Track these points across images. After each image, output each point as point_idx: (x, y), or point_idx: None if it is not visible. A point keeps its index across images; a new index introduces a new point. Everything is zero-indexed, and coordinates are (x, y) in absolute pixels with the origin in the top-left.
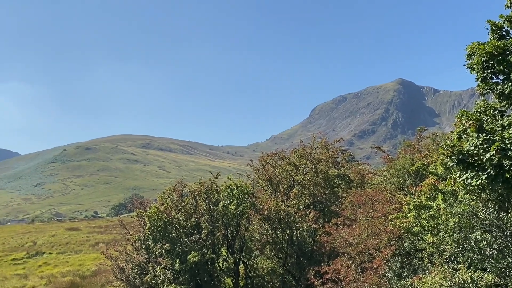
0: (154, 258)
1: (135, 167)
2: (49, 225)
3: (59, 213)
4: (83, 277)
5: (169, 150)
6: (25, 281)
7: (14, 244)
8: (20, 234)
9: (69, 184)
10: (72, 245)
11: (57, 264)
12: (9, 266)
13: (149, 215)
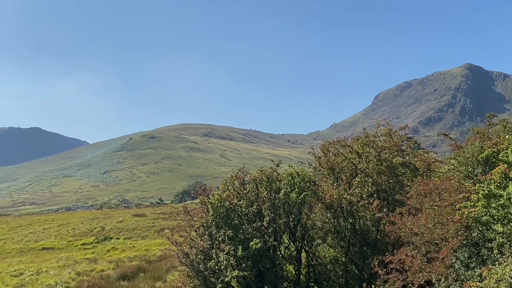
0: (217, 244)
1: (197, 155)
2: (117, 211)
3: (125, 199)
4: (149, 262)
5: (230, 139)
6: (94, 265)
7: (84, 230)
8: (89, 220)
9: (135, 172)
10: (139, 231)
11: (125, 249)
12: (79, 251)
13: (212, 202)
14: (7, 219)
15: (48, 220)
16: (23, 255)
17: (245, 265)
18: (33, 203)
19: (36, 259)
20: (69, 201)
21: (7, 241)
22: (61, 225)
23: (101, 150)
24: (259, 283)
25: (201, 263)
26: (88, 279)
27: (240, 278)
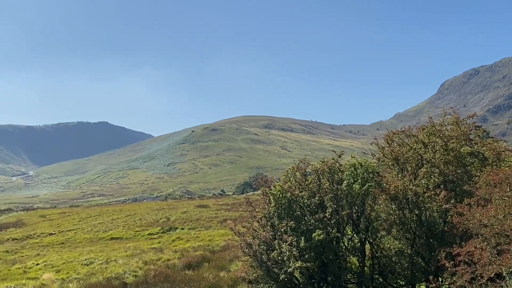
0: (280, 235)
1: (258, 147)
2: (181, 202)
3: (189, 191)
4: (213, 252)
5: (290, 130)
6: (160, 255)
7: (150, 220)
8: (155, 211)
9: (198, 164)
10: (202, 221)
11: (189, 239)
12: (146, 240)
13: (273, 193)
14: (77, 210)
15: (116, 211)
16: (93, 245)
17: (308, 256)
18: (102, 194)
19: (105, 248)
20: (135, 192)
21: (78, 231)
22: (128, 216)
23: (165, 143)
24: (323, 274)
25: (264, 253)
26: (154, 268)
27: (303, 269)
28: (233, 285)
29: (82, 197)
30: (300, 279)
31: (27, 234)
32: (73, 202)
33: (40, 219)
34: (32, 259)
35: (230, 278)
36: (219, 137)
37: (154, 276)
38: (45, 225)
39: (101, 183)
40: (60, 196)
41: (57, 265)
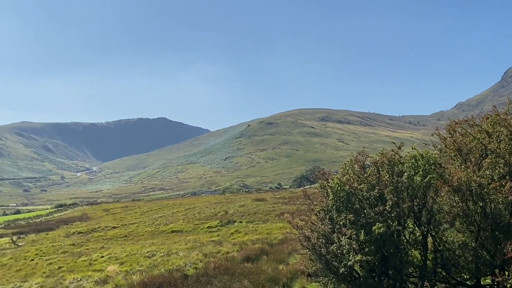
0: (339, 228)
1: (314, 140)
2: (238, 196)
3: (246, 184)
4: (271, 245)
5: (347, 122)
6: (219, 247)
7: (209, 213)
8: (213, 204)
9: (254, 158)
10: (260, 215)
11: (247, 232)
12: (205, 233)
13: (331, 186)
14: (139, 204)
15: (176, 204)
16: (154, 238)
17: (368, 249)
18: (162, 188)
19: (166, 241)
20: (194, 186)
21: (140, 224)
22: (187, 209)
23: (222, 137)
24: (383, 267)
25: (322, 246)
26: (214, 260)
27: (363, 262)
28: (292, 278)
29: (143, 191)
30: (360, 272)
31: (92, 227)
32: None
33: (104, 213)
34: (97, 251)
35: (288, 271)
36: (275, 131)
37: (214, 269)
38: (108, 218)
39: (161, 177)
40: (122, 191)
41: (121, 258)
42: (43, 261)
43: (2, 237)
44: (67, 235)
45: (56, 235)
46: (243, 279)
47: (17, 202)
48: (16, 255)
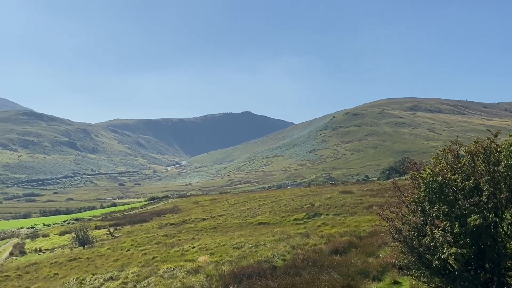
0: (431, 221)
1: (403, 131)
2: (324, 188)
3: (332, 177)
4: (359, 238)
5: (438, 111)
6: (307, 240)
7: (295, 206)
8: (299, 197)
9: (340, 150)
10: (347, 207)
11: (334, 224)
12: (292, 226)
13: (423, 176)
14: (226, 197)
15: (262, 197)
16: (242, 229)
17: (463, 242)
18: (248, 181)
19: (254, 233)
20: (279, 179)
21: (228, 216)
22: (274, 202)
23: (306, 129)
24: (479, 261)
25: (414, 239)
26: (302, 252)
27: (458, 255)
28: (382, 271)
29: (230, 184)
30: (455, 265)
31: (183, 219)
32: (222, 189)
33: (194, 205)
34: (188, 242)
35: (378, 264)
36: (361, 122)
37: (302, 260)
38: (198, 211)
39: (246, 170)
40: (210, 184)
41: (211, 248)
42: (138, 251)
43: (100, 228)
44: (160, 226)
45: (150, 227)
46: (331, 271)
47: (113, 195)
48: (113, 246)
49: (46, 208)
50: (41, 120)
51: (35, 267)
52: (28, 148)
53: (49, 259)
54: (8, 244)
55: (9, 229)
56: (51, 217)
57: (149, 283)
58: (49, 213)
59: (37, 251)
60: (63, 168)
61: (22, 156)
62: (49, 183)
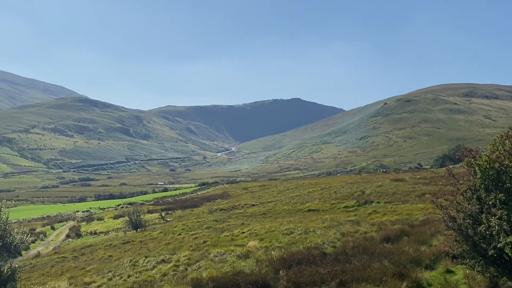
0: (488, 209)
1: (457, 117)
2: (375, 176)
3: (383, 164)
4: (411, 226)
5: (495, 97)
6: (357, 227)
7: (345, 193)
8: (349, 184)
9: (391, 137)
10: (398, 195)
11: (386, 212)
12: (341, 213)
13: (479, 164)
14: (275, 183)
15: (312, 184)
16: (291, 216)
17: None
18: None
19: (303, 219)
20: (329, 166)
21: (277, 203)
22: (323, 189)
23: (357, 116)
24: None
25: (469, 227)
26: (352, 239)
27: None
28: (435, 259)
29: (279, 171)
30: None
31: (232, 205)
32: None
33: (243, 191)
34: (238, 227)
35: (431, 252)
36: (414, 108)
37: (352, 248)
38: (247, 196)
39: (296, 157)
40: (259, 170)
41: (260, 234)
42: (189, 235)
43: (152, 212)
44: (210, 211)
45: (200, 212)
46: (383, 259)
47: (164, 181)
48: (165, 230)
49: (100, 192)
50: (96, 107)
51: (90, 249)
52: (83, 134)
53: (104, 241)
54: (65, 226)
55: (66, 212)
56: (105, 201)
57: (200, 267)
58: (104, 197)
59: (92, 233)
60: (116, 153)
61: (78, 142)
62: (103, 168)
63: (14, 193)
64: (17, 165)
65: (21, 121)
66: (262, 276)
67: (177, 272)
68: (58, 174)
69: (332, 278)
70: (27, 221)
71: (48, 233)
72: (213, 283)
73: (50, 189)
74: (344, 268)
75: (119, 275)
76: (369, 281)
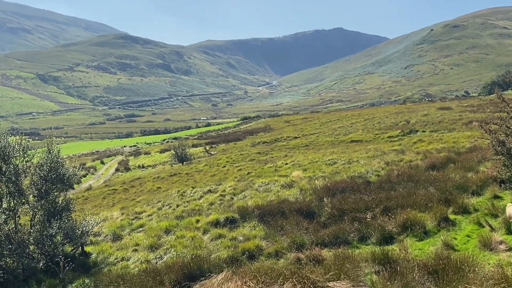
0: None
1: (508, 42)
2: (420, 105)
3: (428, 93)
4: (458, 154)
5: None
6: (402, 156)
7: (389, 123)
8: (394, 114)
9: (438, 65)
10: (445, 124)
11: (431, 141)
12: (385, 143)
13: None
14: (318, 116)
15: (355, 115)
16: (334, 147)
17: None
18: (339, 100)
19: (346, 150)
20: (372, 97)
21: (320, 135)
22: (366, 120)
23: (401, 44)
24: None
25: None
26: (397, 168)
27: None
28: (482, 185)
29: (321, 104)
30: None
31: (275, 137)
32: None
33: (285, 124)
34: (281, 159)
35: (478, 178)
36: (461, 34)
37: (397, 176)
38: (289, 129)
39: (338, 89)
40: (301, 103)
41: (304, 165)
42: (233, 167)
43: (196, 146)
44: (252, 144)
45: (243, 145)
46: (428, 186)
47: (207, 116)
48: (209, 162)
49: (146, 128)
50: (137, 43)
51: (139, 181)
52: (126, 71)
53: (152, 174)
54: (113, 161)
55: (114, 147)
56: (150, 137)
57: (245, 196)
58: (149, 133)
59: (140, 167)
60: (159, 90)
61: (121, 79)
62: (147, 105)
63: (63, 130)
64: (64, 103)
65: (65, 60)
66: (306, 203)
67: (224, 201)
68: (104, 111)
69: (377, 205)
70: (77, 156)
71: (98, 167)
72: (258, 211)
73: (97, 126)
74: (389, 195)
75: (168, 204)
76: (414, 207)
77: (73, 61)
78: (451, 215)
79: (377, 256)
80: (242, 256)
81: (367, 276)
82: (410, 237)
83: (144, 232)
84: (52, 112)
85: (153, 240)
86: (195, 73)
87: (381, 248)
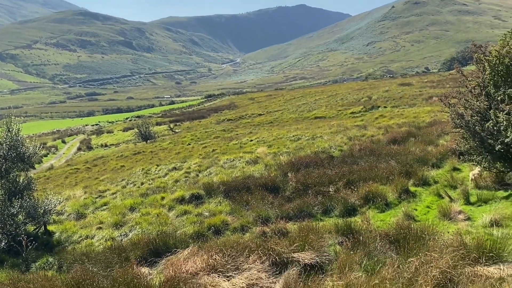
0: (496, 105)
1: (466, 19)
2: (382, 81)
3: (390, 70)
4: (418, 128)
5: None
6: (364, 131)
7: (351, 100)
8: (356, 91)
9: (399, 41)
10: (405, 99)
11: (392, 116)
12: (348, 119)
13: (489, 59)
14: (282, 93)
15: (318, 92)
16: (298, 123)
17: None
18: (303, 77)
19: (310, 126)
20: (335, 74)
21: (284, 112)
22: (330, 96)
23: (364, 21)
24: None
25: (477, 124)
26: (359, 143)
27: None
28: (441, 158)
29: (285, 81)
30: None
31: (240, 115)
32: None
33: (250, 101)
34: (246, 136)
35: (438, 152)
36: (422, 11)
37: (359, 150)
38: (254, 107)
39: (301, 66)
40: (265, 81)
41: (268, 141)
42: (198, 145)
43: (160, 124)
44: (217, 122)
45: (208, 122)
46: (389, 160)
47: (171, 94)
48: (174, 140)
49: (108, 106)
50: (97, 19)
51: (102, 160)
52: (86, 48)
53: (115, 153)
54: (75, 140)
55: (75, 126)
56: (113, 115)
57: (210, 173)
58: (111, 111)
59: (103, 146)
60: (121, 67)
61: (81, 57)
62: (109, 83)
63: (22, 109)
64: (22, 82)
65: (22, 37)
66: (271, 179)
67: (189, 178)
68: (64, 89)
69: (340, 179)
70: (37, 136)
71: (59, 146)
72: (224, 187)
73: (57, 105)
74: (351, 169)
75: (133, 182)
76: (376, 180)
77: (31, 38)
78: (412, 187)
79: (340, 227)
80: (208, 231)
81: (330, 246)
82: (372, 209)
83: (109, 210)
84: (11, 91)
85: (117, 218)
86: (157, 50)
87: (344, 220)
